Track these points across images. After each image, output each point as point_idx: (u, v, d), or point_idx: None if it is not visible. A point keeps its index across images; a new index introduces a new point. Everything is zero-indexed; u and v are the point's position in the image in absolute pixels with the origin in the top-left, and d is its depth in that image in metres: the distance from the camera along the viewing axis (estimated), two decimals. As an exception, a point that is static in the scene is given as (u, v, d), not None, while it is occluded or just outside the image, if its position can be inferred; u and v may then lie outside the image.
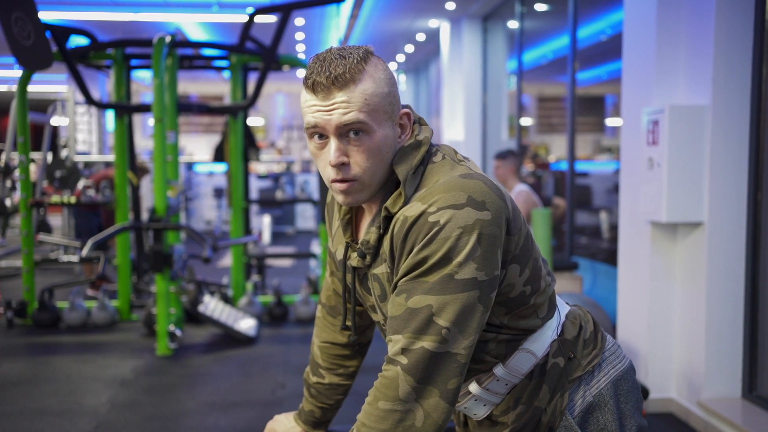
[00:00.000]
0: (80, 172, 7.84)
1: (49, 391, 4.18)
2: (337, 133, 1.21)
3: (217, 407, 3.93)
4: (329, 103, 1.19)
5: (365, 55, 1.23)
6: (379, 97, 1.22)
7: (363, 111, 1.19)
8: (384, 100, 1.23)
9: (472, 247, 1.15)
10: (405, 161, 1.26)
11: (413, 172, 1.25)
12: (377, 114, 1.22)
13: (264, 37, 5.89)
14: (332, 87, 1.19)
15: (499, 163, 5.40)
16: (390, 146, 1.25)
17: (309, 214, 12.58)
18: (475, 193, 1.18)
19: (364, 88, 1.20)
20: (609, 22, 7.06)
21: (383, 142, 1.23)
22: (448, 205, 1.16)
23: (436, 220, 1.16)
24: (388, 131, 1.25)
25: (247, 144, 6.30)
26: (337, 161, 1.21)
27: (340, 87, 1.19)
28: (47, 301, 5.68)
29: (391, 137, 1.25)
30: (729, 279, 3.53)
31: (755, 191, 3.47)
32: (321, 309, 1.62)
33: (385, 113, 1.23)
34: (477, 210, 1.16)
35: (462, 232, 1.15)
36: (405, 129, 1.29)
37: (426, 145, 1.29)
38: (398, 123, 1.28)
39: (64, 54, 5.09)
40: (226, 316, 5.35)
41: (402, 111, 1.28)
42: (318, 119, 1.21)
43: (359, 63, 1.20)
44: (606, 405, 1.36)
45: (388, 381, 1.17)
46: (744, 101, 3.45)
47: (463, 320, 1.16)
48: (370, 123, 1.20)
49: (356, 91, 1.19)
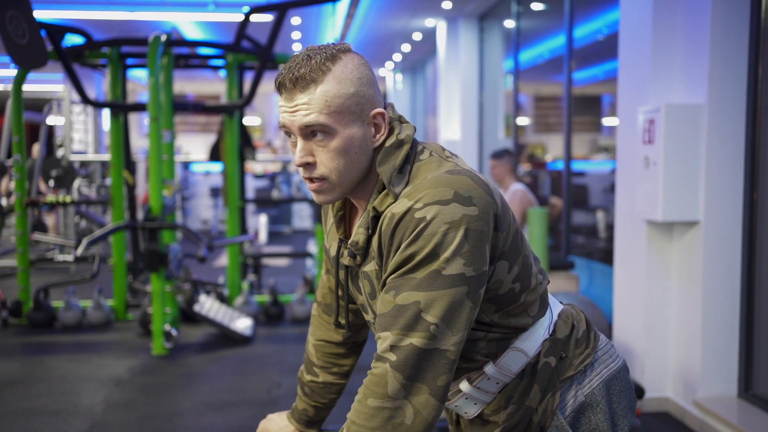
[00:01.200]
0: (76, 171, 7.82)
1: (44, 391, 4.16)
2: (301, 134, 1.23)
3: (212, 407, 3.92)
4: (292, 105, 1.21)
5: (334, 54, 1.22)
6: (342, 98, 1.21)
7: (323, 113, 1.20)
8: (349, 101, 1.21)
9: (459, 242, 1.15)
10: (388, 161, 1.25)
11: (398, 171, 1.25)
12: (341, 115, 1.21)
13: (260, 36, 5.87)
14: (294, 89, 1.21)
15: (495, 162, 5.40)
16: (359, 146, 1.24)
17: (305, 213, 12.57)
18: (461, 189, 1.17)
19: (326, 90, 1.20)
20: (605, 21, 7.06)
21: (349, 143, 1.23)
22: (435, 201, 1.16)
23: (423, 216, 1.16)
24: (356, 131, 1.23)
25: (243, 143, 6.29)
26: (300, 161, 1.24)
27: (302, 89, 1.20)
28: (42, 301, 5.66)
29: (360, 137, 1.24)
30: (725, 278, 3.53)
31: (751, 190, 3.47)
32: (317, 307, 1.62)
33: (352, 114, 1.22)
34: (463, 205, 1.16)
35: (449, 227, 1.14)
36: (379, 129, 1.27)
37: (408, 143, 1.27)
38: (371, 123, 1.26)
39: (59, 53, 5.07)
40: (222, 316, 5.34)
41: (375, 111, 1.25)
42: (285, 120, 1.23)
43: (324, 63, 1.20)
44: (598, 405, 1.35)
45: (377, 378, 1.16)
46: (740, 100, 3.45)
47: (451, 316, 1.15)
48: (331, 125, 1.20)
49: (317, 93, 1.20)
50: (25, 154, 5.74)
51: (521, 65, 8.18)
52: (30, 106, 7.28)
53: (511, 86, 8.42)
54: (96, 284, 6.47)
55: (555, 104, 16.46)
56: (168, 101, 5.22)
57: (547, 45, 9.55)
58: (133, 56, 5.92)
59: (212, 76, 15.36)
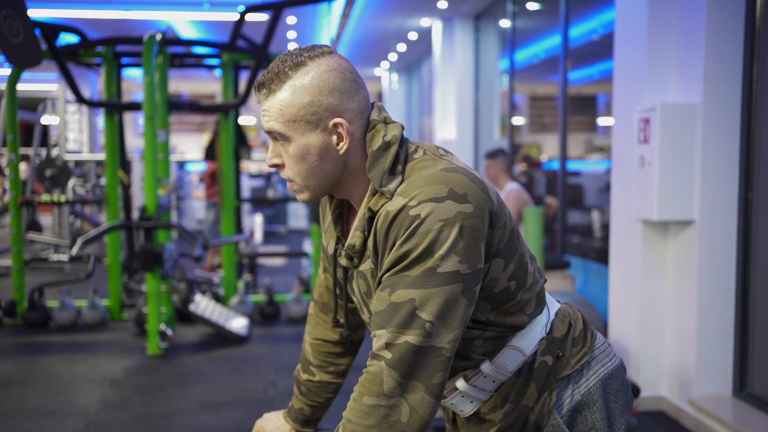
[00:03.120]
0: (71, 170, 7.80)
1: (38, 391, 4.15)
2: (270, 137, 1.28)
3: (208, 406, 3.91)
4: (262, 109, 1.27)
5: (300, 62, 1.23)
6: (295, 108, 1.22)
7: (279, 121, 1.24)
8: (303, 110, 1.22)
9: (454, 239, 1.14)
10: (377, 166, 1.25)
11: (389, 173, 1.24)
12: (294, 124, 1.23)
13: (255, 35, 5.86)
14: (259, 95, 1.26)
15: (490, 162, 5.40)
16: (318, 154, 1.25)
17: (301, 213, 12.56)
18: (456, 186, 1.17)
19: (282, 98, 1.23)
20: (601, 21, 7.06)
21: (305, 151, 1.24)
22: (429, 198, 1.16)
23: (417, 213, 1.15)
24: (313, 140, 1.24)
25: (238, 143, 6.28)
26: (268, 162, 1.31)
27: (264, 96, 1.25)
28: (37, 301, 5.65)
29: (318, 146, 1.24)
30: (720, 277, 3.54)
31: (746, 190, 3.48)
32: (313, 306, 1.62)
33: (308, 123, 1.23)
34: (458, 203, 1.16)
35: (443, 224, 1.14)
36: (341, 138, 1.25)
37: (396, 143, 1.26)
38: (333, 132, 1.25)
39: (54, 52, 5.05)
40: (218, 316, 5.33)
41: (334, 121, 1.24)
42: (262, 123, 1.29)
43: (286, 72, 1.23)
44: (595, 404, 1.35)
45: (373, 376, 1.16)
46: (735, 99, 3.45)
47: (446, 314, 1.15)
48: (285, 132, 1.24)
49: (274, 101, 1.24)
50: (19, 154, 5.72)
51: (517, 65, 8.18)
52: (24, 106, 7.25)
53: (506, 86, 8.42)
54: (91, 284, 6.45)
55: (550, 104, 16.47)
56: (163, 100, 5.20)
57: (542, 45, 9.55)
58: (128, 55, 5.91)
59: (207, 75, 15.32)
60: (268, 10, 5.41)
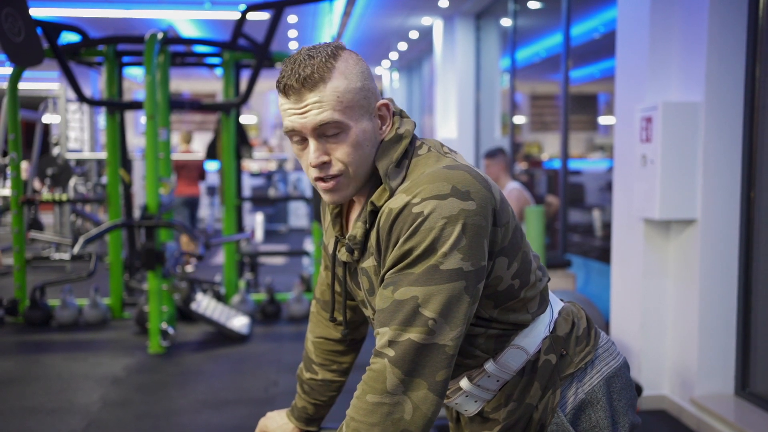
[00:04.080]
0: (72, 169, 7.80)
1: (40, 390, 4.15)
2: (314, 134, 1.21)
3: (209, 405, 3.91)
4: (302, 105, 1.19)
5: (334, 51, 1.22)
6: (352, 93, 1.21)
7: (337, 109, 1.19)
8: (358, 95, 1.21)
9: (457, 237, 1.14)
10: (385, 156, 1.25)
11: (395, 165, 1.24)
12: (352, 110, 1.21)
13: (257, 34, 5.86)
14: (302, 89, 1.19)
15: (489, 161, 5.38)
16: (370, 140, 1.24)
17: (302, 211, 12.55)
18: (459, 184, 1.17)
19: (336, 86, 1.19)
20: (602, 19, 7.06)
21: (362, 137, 1.22)
22: (432, 196, 1.15)
23: (420, 210, 1.15)
24: (367, 125, 1.23)
25: (239, 142, 6.27)
26: (318, 161, 1.22)
27: (311, 88, 1.18)
28: (39, 299, 5.65)
29: (371, 131, 1.24)
30: (722, 276, 3.53)
31: (748, 188, 3.48)
32: (315, 304, 1.62)
33: (361, 107, 1.22)
34: (461, 200, 1.15)
35: (446, 222, 1.14)
36: (385, 120, 1.27)
37: (408, 137, 1.28)
38: (377, 115, 1.26)
39: (55, 51, 5.05)
40: (219, 314, 5.33)
41: (380, 102, 1.26)
42: (294, 123, 1.21)
43: (328, 61, 1.20)
44: (598, 402, 1.35)
45: (376, 374, 1.16)
46: (737, 98, 3.45)
47: (449, 311, 1.15)
48: (345, 120, 1.20)
49: (327, 90, 1.19)
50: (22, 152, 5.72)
51: (518, 64, 8.18)
52: (26, 104, 7.25)
53: (507, 85, 8.41)
54: (92, 283, 6.45)
55: (551, 103, 16.46)
56: (164, 99, 5.20)
57: (543, 43, 9.54)
58: (130, 54, 5.90)
59: (208, 74, 15.33)
60: (270, 8, 5.41)
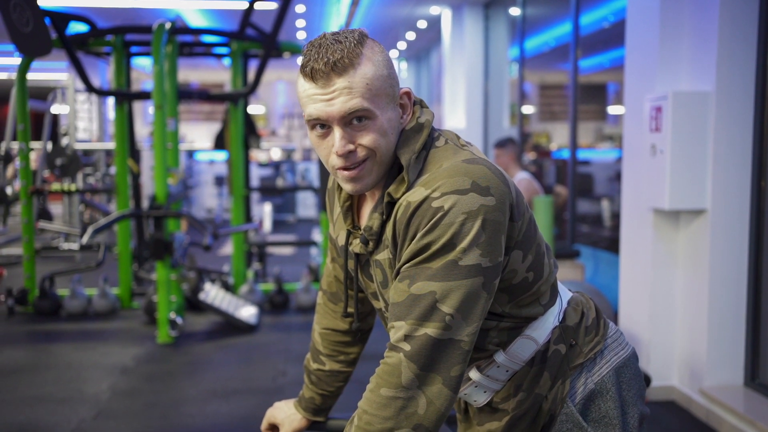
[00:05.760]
0: (81, 160, 7.82)
1: (49, 379, 4.18)
2: (341, 123, 1.18)
3: (217, 395, 3.93)
4: (329, 90, 1.16)
5: (361, 38, 1.20)
6: (380, 80, 1.19)
7: (366, 97, 1.16)
8: (385, 83, 1.20)
9: (477, 233, 1.13)
10: (407, 145, 1.23)
11: (416, 156, 1.23)
12: (379, 98, 1.19)
13: (264, 23, 5.84)
14: (331, 73, 1.15)
15: (499, 151, 5.37)
16: (394, 128, 1.23)
17: (310, 202, 12.56)
18: (479, 179, 1.16)
19: (365, 72, 1.17)
20: (612, 8, 7.01)
21: (387, 125, 1.21)
22: (453, 191, 1.14)
23: (440, 205, 1.14)
24: (392, 114, 1.22)
25: (247, 132, 6.27)
26: (344, 150, 1.19)
27: (340, 72, 1.15)
28: (48, 289, 5.67)
29: (395, 119, 1.23)
30: (731, 267, 3.51)
31: (759, 178, 3.45)
32: (322, 295, 1.61)
33: (387, 96, 1.21)
34: (481, 195, 1.14)
35: (466, 217, 1.13)
36: (406, 109, 1.26)
37: (428, 128, 1.26)
38: (399, 103, 1.25)
39: (63, 41, 5.06)
40: (227, 304, 5.34)
41: (402, 90, 1.25)
42: (320, 111, 1.17)
43: (356, 46, 1.17)
44: (608, 392, 1.34)
45: (391, 368, 1.15)
46: (748, 87, 3.42)
47: (467, 307, 1.14)
48: (373, 108, 1.17)
49: (357, 76, 1.16)
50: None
51: (526, 53, 8.14)
52: (34, 95, 7.26)
53: (516, 74, 8.37)
54: (101, 272, 6.48)
55: (560, 92, 16.38)
56: (172, 89, 5.20)
57: (552, 33, 9.49)
58: (138, 44, 5.90)
59: (216, 64, 15.32)
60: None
